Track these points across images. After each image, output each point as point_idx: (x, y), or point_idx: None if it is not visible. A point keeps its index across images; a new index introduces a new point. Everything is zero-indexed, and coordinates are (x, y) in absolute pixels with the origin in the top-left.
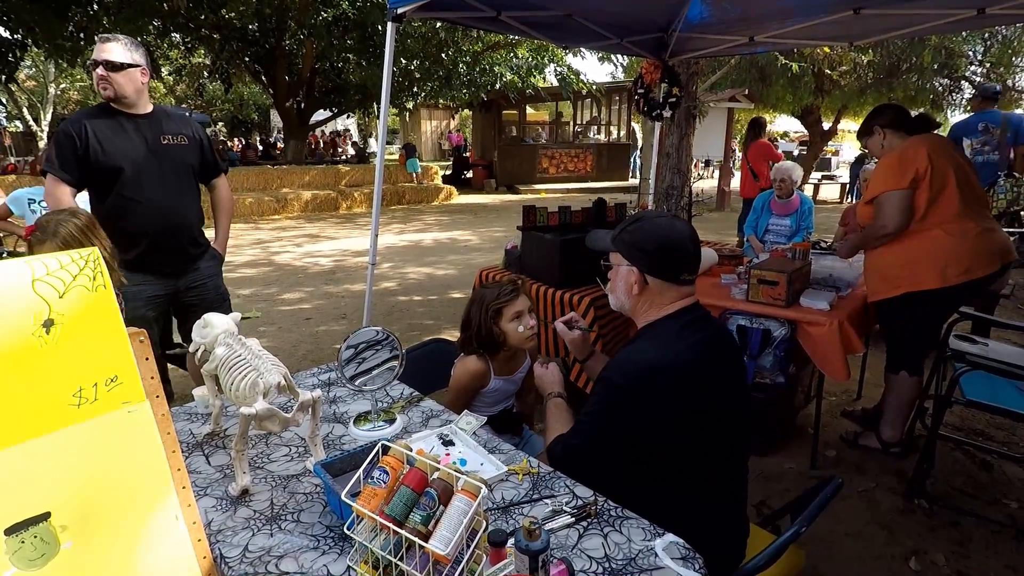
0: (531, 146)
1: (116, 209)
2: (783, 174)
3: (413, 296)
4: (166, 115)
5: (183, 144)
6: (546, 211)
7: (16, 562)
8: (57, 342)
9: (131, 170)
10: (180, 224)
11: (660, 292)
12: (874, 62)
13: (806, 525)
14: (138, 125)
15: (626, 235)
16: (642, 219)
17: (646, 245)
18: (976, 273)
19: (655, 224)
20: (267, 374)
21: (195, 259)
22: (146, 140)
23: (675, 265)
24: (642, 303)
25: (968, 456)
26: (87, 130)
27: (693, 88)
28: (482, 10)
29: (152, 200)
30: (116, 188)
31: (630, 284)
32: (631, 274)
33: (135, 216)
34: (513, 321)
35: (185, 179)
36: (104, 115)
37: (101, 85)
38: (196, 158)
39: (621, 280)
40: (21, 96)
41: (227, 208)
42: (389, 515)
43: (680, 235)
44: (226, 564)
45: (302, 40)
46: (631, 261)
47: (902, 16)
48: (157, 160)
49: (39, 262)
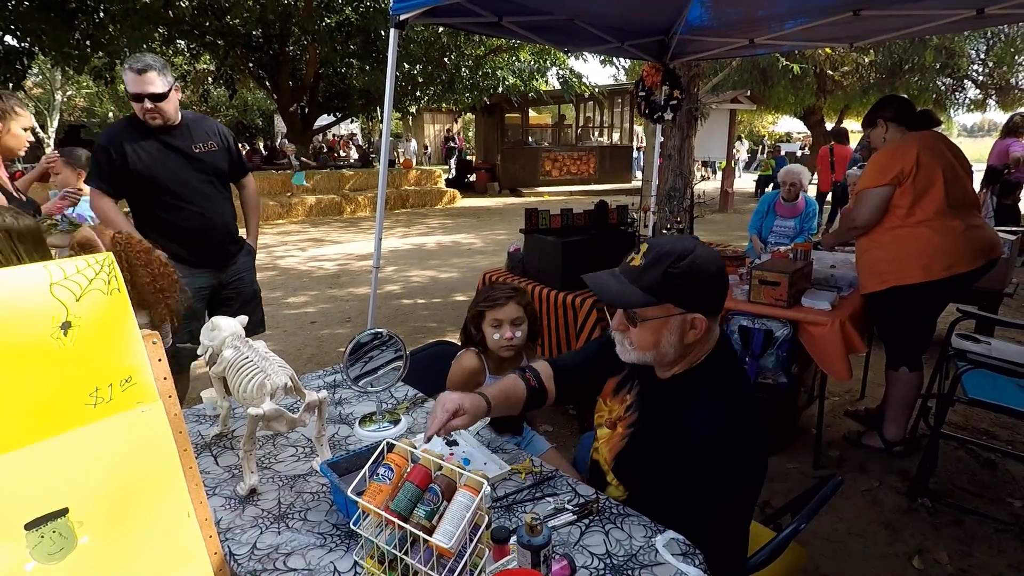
0: (534, 149)
1: (162, 216)
2: (792, 177)
3: (417, 299)
4: (195, 122)
5: (213, 150)
6: (548, 214)
7: (36, 556)
8: (74, 344)
9: (171, 181)
10: (218, 225)
11: (712, 330)
12: (876, 62)
13: (806, 522)
14: (172, 137)
15: (676, 279)
16: (683, 255)
17: (706, 283)
18: (959, 268)
19: (703, 258)
20: (274, 376)
21: (233, 255)
22: (181, 151)
23: (724, 295)
24: (692, 348)
25: (971, 455)
26: (124, 146)
27: (695, 90)
28: (484, 16)
29: (192, 207)
30: (158, 198)
31: (685, 332)
32: (687, 322)
33: (180, 221)
34: (492, 327)
35: (218, 183)
36: (139, 129)
37: (150, 116)
38: (226, 161)
39: (671, 332)
40: (28, 103)
41: (255, 205)
42: (394, 510)
43: (721, 260)
44: (235, 561)
45: (305, 46)
46: (690, 307)
47: (901, 17)
48: (193, 168)
49: (57, 267)
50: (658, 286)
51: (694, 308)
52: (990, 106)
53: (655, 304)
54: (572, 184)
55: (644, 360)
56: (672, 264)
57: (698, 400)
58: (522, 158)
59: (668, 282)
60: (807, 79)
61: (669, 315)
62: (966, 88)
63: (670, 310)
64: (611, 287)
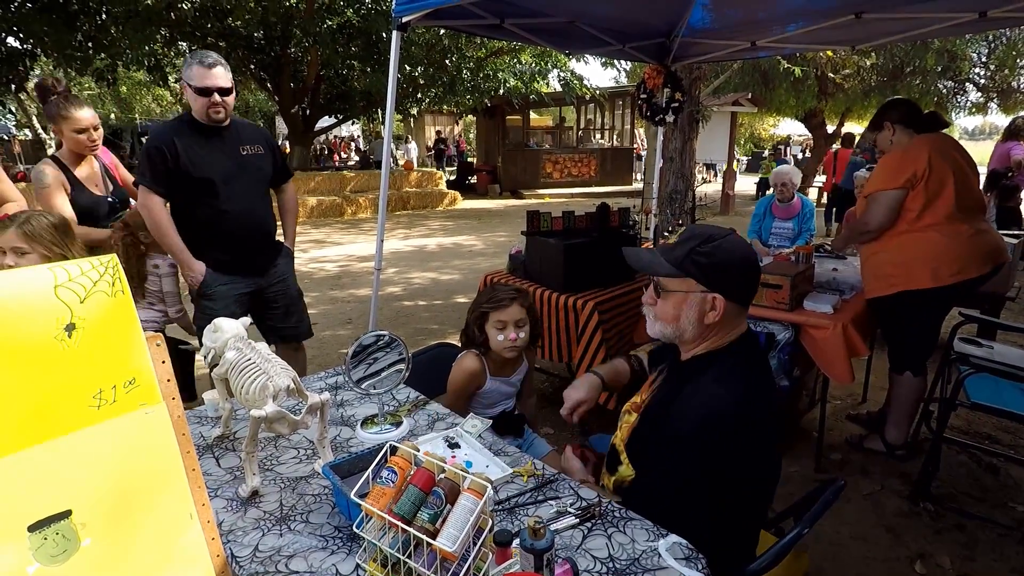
0: (534, 151)
1: (207, 218)
2: (783, 178)
3: (418, 301)
4: (242, 126)
5: (260, 153)
6: (550, 216)
7: (39, 558)
8: (79, 345)
9: (220, 182)
10: (261, 228)
11: (734, 318)
12: (877, 65)
13: (808, 527)
14: (222, 138)
15: (700, 257)
16: (712, 238)
17: (730, 267)
18: (968, 274)
19: (732, 242)
20: (276, 377)
21: (274, 258)
22: (229, 153)
23: (754, 288)
24: (711, 331)
25: (974, 459)
26: (176, 145)
27: (696, 93)
28: (486, 18)
29: (238, 208)
30: (207, 199)
31: (704, 312)
32: (707, 301)
33: (225, 223)
34: (496, 329)
35: (262, 186)
36: (190, 129)
37: (214, 111)
38: (270, 165)
39: (691, 308)
40: (30, 105)
41: (294, 209)
42: (397, 513)
43: (753, 254)
44: (237, 563)
45: (307, 47)
46: (711, 286)
47: (903, 20)
48: (240, 170)
49: (61, 268)
50: (682, 261)
51: (714, 288)
52: (991, 109)
53: (678, 276)
54: (573, 186)
55: (666, 334)
56: (700, 244)
57: (707, 379)
58: (523, 160)
59: (692, 259)
60: (808, 82)
61: (689, 291)
62: (967, 91)
63: (691, 286)
64: (643, 257)
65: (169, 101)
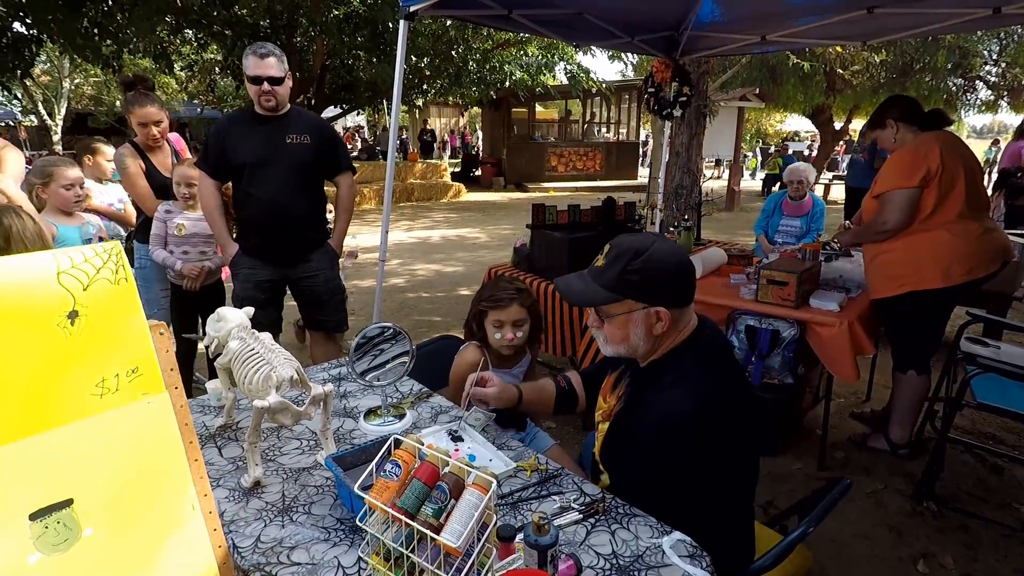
0: (540, 144)
1: (239, 201)
2: (798, 175)
3: (422, 293)
4: (298, 115)
5: (305, 143)
6: (555, 209)
7: (40, 547)
8: (81, 333)
9: (252, 167)
10: (291, 218)
11: (680, 320)
12: (887, 61)
13: (813, 526)
14: (271, 126)
15: (632, 275)
16: (639, 252)
17: (664, 278)
18: (978, 273)
19: (661, 252)
20: (280, 368)
21: (305, 252)
22: (272, 139)
23: (692, 287)
24: (664, 338)
25: (978, 459)
26: (227, 131)
27: (704, 87)
28: (494, 8)
29: (265, 194)
30: (241, 183)
31: (651, 325)
32: (651, 315)
33: (250, 208)
34: (494, 328)
35: (302, 176)
36: (245, 117)
37: (264, 99)
38: (315, 156)
39: (637, 326)
40: (36, 91)
41: (346, 205)
42: (401, 508)
43: (682, 253)
44: (239, 554)
45: (313, 37)
46: (651, 301)
47: (916, 15)
48: (277, 157)
49: (64, 255)
50: (617, 284)
51: (655, 302)
52: (1002, 107)
53: (616, 301)
54: (578, 180)
55: (620, 353)
56: (629, 262)
57: (665, 384)
58: (528, 153)
59: (626, 279)
60: (816, 77)
61: (631, 310)
62: (977, 89)
63: (632, 306)
64: (576, 288)
65: (174, 89)
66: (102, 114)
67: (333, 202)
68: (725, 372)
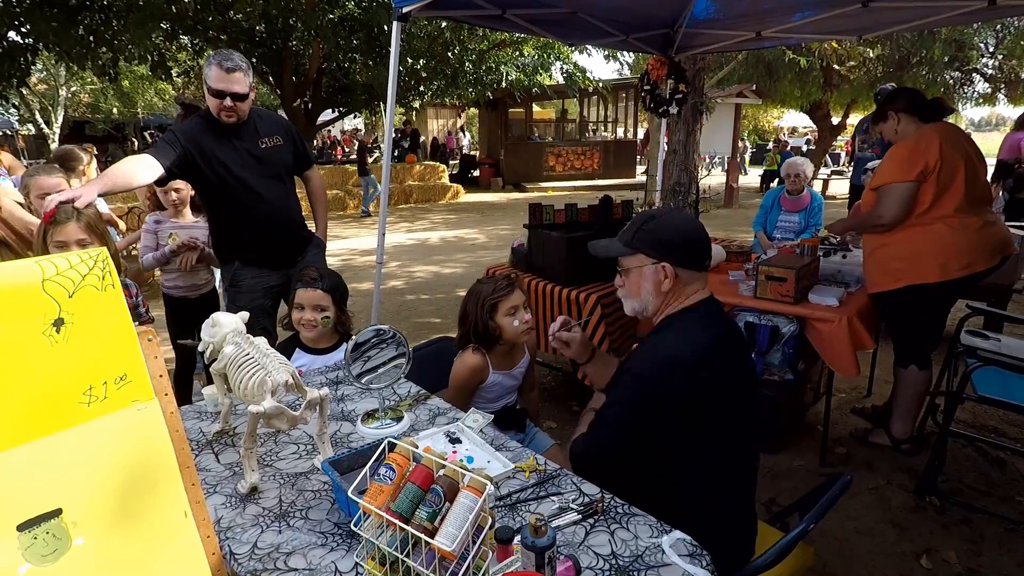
0: (537, 144)
1: (233, 215)
2: (795, 170)
3: (420, 295)
4: (259, 117)
5: (279, 144)
6: (552, 209)
7: (29, 557)
8: (67, 341)
9: (240, 179)
10: (287, 221)
11: (687, 283)
12: (883, 56)
13: (814, 522)
14: (239, 134)
15: (645, 234)
16: (655, 216)
17: (672, 238)
18: (977, 267)
19: (673, 217)
20: (275, 372)
21: (302, 249)
22: (248, 150)
23: (700, 253)
24: (669, 297)
25: (980, 453)
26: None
27: (700, 84)
28: (487, 8)
29: (261, 203)
30: (230, 196)
31: (659, 281)
32: (659, 271)
33: (250, 220)
34: (508, 316)
35: (285, 178)
36: (213, 129)
37: (226, 114)
38: (291, 154)
39: (647, 280)
40: (32, 99)
41: (322, 197)
42: (395, 512)
43: (697, 224)
44: (235, 561)
45: (308, 41)
46: (660, 257)
47: (911, 8)
48: (260, 165)
49: (49, 262)
50: (632, 240)
51: (662, 258)
52: (999, 100)
53: (630, 254)
54: (576, 179)
55: (636, 309)
56: (645, 223)
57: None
58: (525, 153)
59: (639, 236)
60: (813, 73)
61: (642, 264)
62: (975, 82)
63: (643, 260)
64: (602, 244)
65: (171, 95)
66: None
67: None
68: (726, 337)
